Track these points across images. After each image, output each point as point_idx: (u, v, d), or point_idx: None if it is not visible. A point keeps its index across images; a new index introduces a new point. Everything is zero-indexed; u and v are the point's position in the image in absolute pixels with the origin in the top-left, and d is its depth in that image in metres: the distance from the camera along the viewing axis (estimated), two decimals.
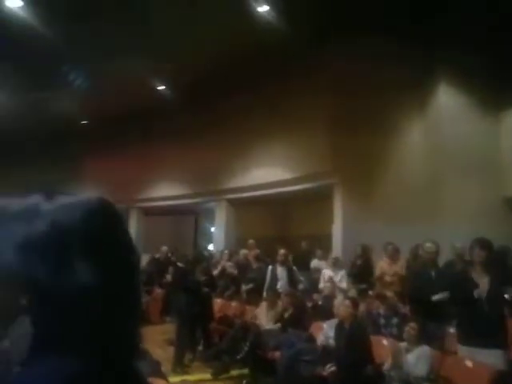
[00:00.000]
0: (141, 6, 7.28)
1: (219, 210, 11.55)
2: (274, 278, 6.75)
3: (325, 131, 8.78)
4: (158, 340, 7.42)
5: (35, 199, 0.62)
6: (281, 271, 6.79)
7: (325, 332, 5.17)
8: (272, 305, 6.19)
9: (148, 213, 13.68)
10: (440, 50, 8.15)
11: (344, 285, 6.80)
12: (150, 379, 3.58)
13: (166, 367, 6.11)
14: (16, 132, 12.21)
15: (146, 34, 8.01)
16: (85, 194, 0.67)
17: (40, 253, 0.57)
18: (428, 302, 4.57)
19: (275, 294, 6.32)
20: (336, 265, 7.16)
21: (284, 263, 6.86)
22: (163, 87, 10.35)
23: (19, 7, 6.88)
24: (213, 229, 12.29)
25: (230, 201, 11.30)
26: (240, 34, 8.17)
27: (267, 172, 10.05)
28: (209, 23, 7.88)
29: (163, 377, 3.77)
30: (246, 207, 11.09)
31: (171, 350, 6.36)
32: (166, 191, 12.46)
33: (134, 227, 13.66)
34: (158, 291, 9.14)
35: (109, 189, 13.69)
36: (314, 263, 8.21)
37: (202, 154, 10.97)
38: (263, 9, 7.70)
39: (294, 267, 7.13)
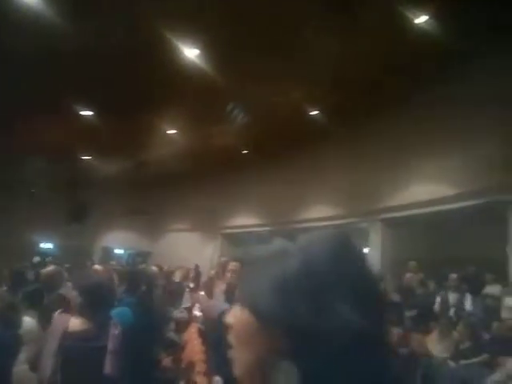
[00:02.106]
0: (290, 30, 7.56)
1: (373, 231, 11.20)
2: (446, 305, 6.22)
3: (495, 142, 7.91)
4: None
5: (280, 243, 0.63)
6: (453, 298, 6.24)
7: None
8: (445, 335, 5.72)
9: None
10: None
11: None
12: None
13: None
14: (184, 163, 13.75)
15: (297, 56, 8.28)
16: (323, 231, 0.66)
17: (295, 292, 0.56)
18: None
19: (449, 323, 5.82)
20: None
21: (456, 289, 6.30)
22: (316, 112, 10.58)
23: (196, 56, 7.90)
24: (366, 250, 11.94)
25: (385, 220, 10.89)
26: (393, 46, 7.91)
27: (427, 188, 9.41)
28: (359, 38, 7.81)
29: None
30: (404, 227, 10.54)
31: None
32: (321, 213, 12.60)
33: None
34: None
35: (269, 212, 14.48)
36: (488, 289, 7.34)
37: (355, 172, 10.86)
38: (421, 20, 7.38)
39: (468, 294, 6.48)
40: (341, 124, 10.46)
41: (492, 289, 7.24)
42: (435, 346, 5.66)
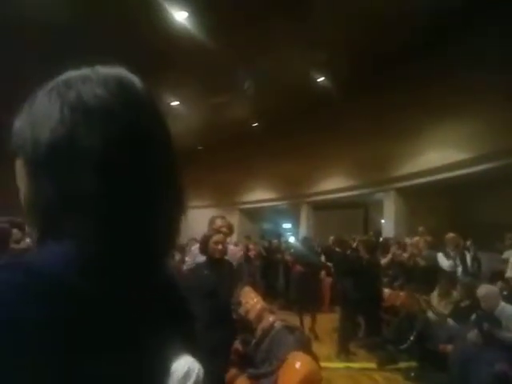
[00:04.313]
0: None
1: (387, 201, 10.99)
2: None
3: (506, 105, 7.51)
4: (326, 328, 7.46)
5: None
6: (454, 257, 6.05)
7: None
8: (445, 293, 5.58)
9: (318, 207, 13.87)
10: None
11: None
12: (296, 352, 3.49)
13: (332, 352, 6.10)
14: (193, 137, 13.62)
15: (302, 25, 8.09)
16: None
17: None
18: None
19: (449, 282, 5.67)
20: None
21: (456, 248, 6.10)
22: (322, 78, 10.34)
23: (185, 18, 7.71)
24: (382, 221, 11.75)
25: (398, 190, 10.64)
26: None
27: (440, 154, 9.12)
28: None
29: (311, 353, 3.71)
30: (418, 196, 10.28)
31: None
32: (334, 184, 12.46)
33: (304, 222, 14.03)
34: (328, 279, 9.15)
35: (280, 186, 14.42)
36: (505, 254, 7.08)
37: (368, 143, 10.64)
38: None
39: (471, 253, 6.27)
40: (351, 93, 10.20)
41: (506, 254, 6.98)
42: (436, 304, 5.55)
